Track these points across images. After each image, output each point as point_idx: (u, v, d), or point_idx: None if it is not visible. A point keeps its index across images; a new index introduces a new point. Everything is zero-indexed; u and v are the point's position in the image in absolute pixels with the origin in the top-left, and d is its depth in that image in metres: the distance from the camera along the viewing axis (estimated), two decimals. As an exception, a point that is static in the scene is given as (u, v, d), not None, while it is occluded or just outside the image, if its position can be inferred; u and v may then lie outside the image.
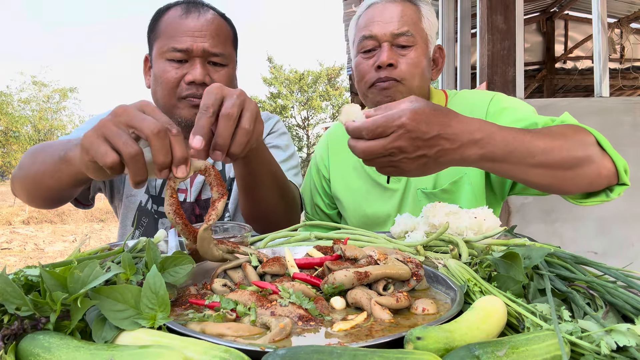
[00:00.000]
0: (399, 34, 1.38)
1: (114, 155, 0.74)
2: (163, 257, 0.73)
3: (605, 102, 3.31)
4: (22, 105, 23.04)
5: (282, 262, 0.81)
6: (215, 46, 1.37)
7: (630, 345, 0.50)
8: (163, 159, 0.73)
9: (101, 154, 0.75)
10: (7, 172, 24.22)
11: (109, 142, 0.75)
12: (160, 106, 1.44)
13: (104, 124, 0.76)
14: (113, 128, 0.75)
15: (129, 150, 0.73)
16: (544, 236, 3.15)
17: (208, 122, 0.82)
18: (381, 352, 0.48)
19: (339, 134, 1.72)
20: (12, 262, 8.36)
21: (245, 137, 0.87)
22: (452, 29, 4.96)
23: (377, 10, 1.42)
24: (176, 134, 0.74)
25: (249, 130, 0.87)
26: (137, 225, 1.51)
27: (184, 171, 0.75)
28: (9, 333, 0.55)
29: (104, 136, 0.75)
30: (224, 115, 0.83)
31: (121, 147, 0.73)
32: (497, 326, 0.57)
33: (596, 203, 1.13)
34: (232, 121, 0.84)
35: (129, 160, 0.73)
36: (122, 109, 0.76)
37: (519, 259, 0.68)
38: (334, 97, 31.44)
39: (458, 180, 1.43)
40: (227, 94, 0.86)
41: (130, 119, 0.74)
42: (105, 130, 0.75)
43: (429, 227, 1.06)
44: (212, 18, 1.40)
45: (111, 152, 0.74)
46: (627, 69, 7.46)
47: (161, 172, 0.74)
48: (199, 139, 0.80)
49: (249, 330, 0.60)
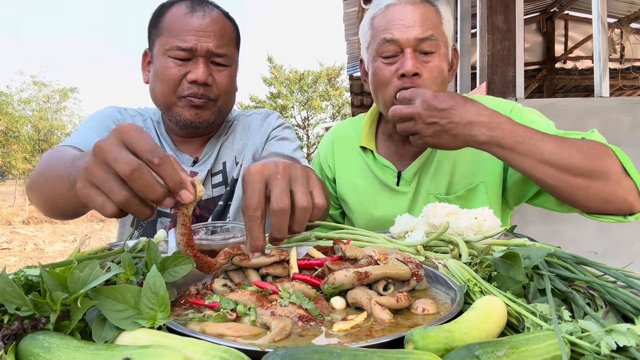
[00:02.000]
0: (423, 38, 1.30)
1: (113, 206, 0.68)
2: (163, 257, 0.73)
3: (605, 102, 3.31)
4: (22, 105, 23.02)
5: (284, 265, 0.81)
6: (220, 47, 1.37)
7: (630, 345, 0.50)
8: (152, 195, 0.66)
9: (100, 206, 0.69)
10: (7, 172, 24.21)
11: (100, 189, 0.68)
12: (159, 102, 1.43)
13: (88, 169, 0.68)
14: (98, 174, 0.67)
15: (117, 198, 0.66)
16: (544, 236, 3.15)
17: (261, 230, 0.76)
18: (381, 352, 0.48)
19: (344, 135, 1.69)
20: (12, 262, 8.36)
21: (304, 216, 0.78)
22: (452, 29, 4.96)
23: (398, 12, 1.33)
24: (159, 162, 0.65)
25: (308, 207, 0.78)
26: (136, 225, 1.51)
27: (188, 195, 0.68)
28: (9, 333, 0.55)
29: (94, 184, 0.68)
30: (275, 211, 0.75)
31: (110, 196, 0.67)
32: (497, 326, 0.57)
33: (610, 221, 1.11)
34: (286, 214, 0.76)
35: (122, 207, 0.68)
36: (98, 147, 0.67)
37: (519, 259, 0.68)
38: (334, 97, 31.42)
39: (474, 188, 1.42)
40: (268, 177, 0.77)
41: (106, 159, 0.66)
42: (92, 178, 0.68)
43: (429, 227, 1.06)
44: (217, 18, 1.39)
45: (108, 203, 0.68)
46: (627, 69, 7.46)
47: (164, 204, 0.68)
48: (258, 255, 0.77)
49: (249, 330, 0.60)
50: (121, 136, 0.67)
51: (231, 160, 1.56)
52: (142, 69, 1.49)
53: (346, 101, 30.67)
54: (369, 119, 1.62)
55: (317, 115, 32.53)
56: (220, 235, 1.04)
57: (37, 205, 1.19)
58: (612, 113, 3.17)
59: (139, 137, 0.66)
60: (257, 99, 30.98)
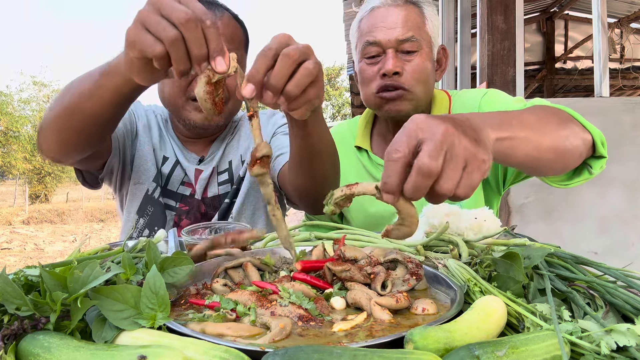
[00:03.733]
0: (404, 40, 1.36)
1: (161, 45, 0.72)
2: (163, 257, 0.73)
3: (605, 102, 3.31)
4: (22, 105, 23.05)
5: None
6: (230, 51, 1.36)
7: (630, 345, 0.50)
8: (196, 50, 0.71)
9: (148, 44, 0.73)
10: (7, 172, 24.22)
11: (150, 32, 0.73)
12: (167, 103, 1.44)
13: (141, 15, 0.74)
14: (151, 16, 0.73)
15: (168, 34, 0.70)
16: (544, 236, 3.15)
17: (265, 65, 0.74)
18: (381, 352, 0.48)
19: (340, 135, 1.72)
20: (12, 262, 8.36)
21: (306, 78, 0.76)
22: (452, 29, 4.96)
23: (381, 15, 1.40)
24: (209, 25, 0.71)
25: (312, 71, 0.76)
26: (142, 213, 1.51)
27: (222, 64, 0.72)
28: (9, 333, 0.55)
29: (145, 26, 0.73)
30: (283, 55, 0.74)
31: (161, 33, 0.71)
32: (497, 326, 0.57)
33: (581, 182, 1.13)
34: (291, 61, 0.74)
35: (170, 45, 0.71)
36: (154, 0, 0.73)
37: (519, 259, 0.68)
38: (334, 97, 31.43)
39: None
40: (292, 42, 0.77)
41: (163, 8, 0.72)
42: (145, 20, 0.73)
43: (429, 227, 1.06)
44: (228, 22, 1.39)
45: (157, 42, 0.72)
46: (627, 69, 7.47)
47: (200, 66, 0.72)
48: (250, 87, 0.74)
49: (249, 330, 0.60)
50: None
51: (237, 159, 1.57)
52: None
53: (346, 101, 30.66)
54: (364, 120, 1.67)
55: (317, 115, 32.49)
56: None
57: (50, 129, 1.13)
58: (612, 113, 3.17)
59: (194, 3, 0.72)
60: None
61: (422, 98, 1.43)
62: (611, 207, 3.18)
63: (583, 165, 1.11)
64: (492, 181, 1.48)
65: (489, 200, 1.51)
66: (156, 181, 1.51)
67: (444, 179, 0.61)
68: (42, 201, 22.49)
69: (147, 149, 1.51)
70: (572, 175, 1.14)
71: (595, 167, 1.09)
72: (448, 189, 0.61)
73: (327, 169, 1.19)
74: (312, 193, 1.23)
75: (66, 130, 1.11)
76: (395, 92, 1.39)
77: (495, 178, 1.46)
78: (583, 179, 1.12)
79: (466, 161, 0.63)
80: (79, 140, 1.14)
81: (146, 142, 1.52)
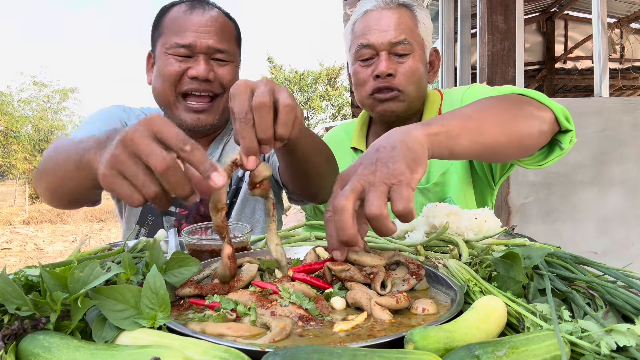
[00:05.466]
0: (396, 42, 1.38)
1: (140, 197, 0.68)
2: (165, 257, 0.73)
3: (605, 102, 3.31)
4: (22, 106, 23.05)
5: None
6: (220, 42, 1.38)
7: (630, 345, 0.50)
8: (181, 192, 0.67)
9: (127, 196, 0.68)
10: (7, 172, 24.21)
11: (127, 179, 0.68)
12: (160, 100, 1.44)
13: (116, 159, 0.67)
14: (128, 165, 0.67)
15: (148, 194, 0.67)
16: (544, 236, 3.15)
17: (252, 133, 0.74)
18: (381, 352, 0.48)
19: (336, 138, 1.74)
20: (12, 262, 8.36)
21: (289, 114, 0.76)
22: (452, 29, 4.96)
23: (374, 18, 1.42)
24: (190, 149, 0.66)
25: (291, 104, 0.76)
26: (142, 223, 1.51)
27: (219, 179, 0.67)
28: (9, 333, 0.55)
29: (122, 174, 0.68)
30: (256, 107, 0.73)
31: (140, 189, 0.67)
32: (497, 326, 0.57)
33: (555, 160, 1.15)
34: (267, 108, 0.74)
35: (153, 201, 0.68)
36: (130, 139, 0.67)
37: (519, 259, 0.68)
38: (334, 97, 31.44)
39: (446, 172, 1.47)
40: (253, 85, 0.76)
41: (139, 153, 0.66)
42: (122, 168, 0.67)
43: (429, 227, 1.06)
44: (217, 16, 1.40)
45: (136, 194, 0.68)
46: (627, 69, 7.46)
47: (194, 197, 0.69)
48: (253, 159, 0.74)
49: (249, 330, 0.60)
50: (152, 128, 0.67)
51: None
52: (147, 71, 1.51)
53: (346, 101, 30.68)
54: (360, 121, 1.69)
55: (317, 115, 32.57)
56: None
57: (44, 192, 1.16)
58: (612, 113, 3.17)
59: (169, 128, 0.67)
60: (257, 99, 30.94)
61: (415, 99, 1.45)
62: (611, 207, 3.18)
63: (554, 142, 1.13)
64: (482, 176, 1.49)
65: (483, 195, 1.52)
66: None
67: (367, 205, 0.67)
68: (42, 201, 22.44)
69: None
70: (546, 154, 1.16)
71: (564, 142, 1.11)
72: (373, 211, 0.66)
73: (321, 166, 1.21)
74: (313, 189, 1.26)
75: (55, 196, 1.13)
76: (388, 94, 1.41)
77: (483, 172, 1.48)
78: (556, 155, 1.14)
79: (387, 183, 0.68)
80: (69, 205, 1.16)
81: None
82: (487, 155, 1.03)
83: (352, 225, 0.68)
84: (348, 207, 0.68)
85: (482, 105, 0.97)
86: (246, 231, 1.01)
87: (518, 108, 1.02)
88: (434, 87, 4.95)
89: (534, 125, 1.03)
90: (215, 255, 0.93)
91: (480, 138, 0.89)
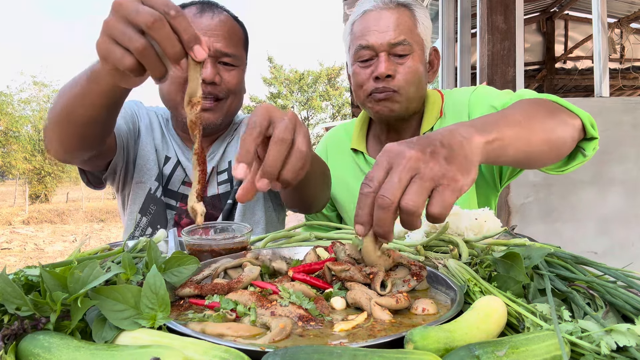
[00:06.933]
0: (396, 43, 1.38)
1: (131, 57, 0.70)
2: (163, 256, 0.73)
3: (605, 102, 3.31)
4: (22, 106, 23.05)
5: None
6: (228, 47, 1.39)
7: (630, 345, 0.50)
8: (170, 49, 0.68)
9: (118, 58, 0.71)
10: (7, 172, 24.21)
11: (118, 43, 0.71)
12: (166, 101, 1.45)
13: (107, 25, 0.72)
14: (117, 26, 0.70)
15: (135, 45, 0.69)
16: (544, 236, 3.15)
17: (254, 144, 0.70)
18: (381, 352, 0.48)
19: (336, 139, 1.74)
20: (12, 262, 8.36)
21: (300, 161, 0.73)
22: (452, 29, 4.96)
23: (373, 18, 1.41)
24: (175, 14, 0.68)
25: (306, 153, 0.73)
26: (144, 212, 1.51)
27: (201, 52, 0.69)
28: (9, 333, 0.55)
29: (112, 37, 0.71)
30: (276, 141, 0.70)
31: (128, 44, 0.69)
32: (497, 326, 0.57)
33: (577, 166, 1.14)
34: (285, 145, 0.71)
35: (139, 56, 0.70)
36: (118, 4, 0.71)
37: (519, 259, 0.68)
38: (334, 97, 31.44)
39: None
40: (276, 116, 0.73)
41: (127, 13, 0.69)
42: (111, 31, 0.71)
43: (429, 227, 1.06)
44: (226, 19, 1.41)
45: (127, 55, 0.70)
46: (627, 69, 7.47)
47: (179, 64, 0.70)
48: (242, 167, 0.68)
49: (249, 330, 0.60)
50: None
51: None
52: None
53: (346, 101, 30.70)
54: (359, 122, 1.68)
55: (317, 115, 32.58)
56: (222, 235, 1.04)
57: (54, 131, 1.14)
58: (612, 113, 3.17)
59: None
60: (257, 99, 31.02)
61: (414, 99, 1.45)
62: (611, 207, 3.18)
63: (576, 149, 1.12)
64: (489, 178, 1.49)
65: (487, 197, 1.52)
66: (158, 180, 1.52)
67: (405, 199, 0.63)
68: (42, 201, 22.50)
69: (149, 149, 1.53)
70: (567, 160, 1.15)
71: (588, 149, 1.10)
72: (410, 206, 0.62)
73: (317, 186, 1.24)
74: (307, 204, 1.32)
75: (66, 135, 1.13)
76: (385, 93, 1.41)
77: (491, 174, 1.47)
78: (578, 162, 1.13)
79: (435, 182, 0.63)
80: (79, 143, 1.16)
81: (148, 143, 1.53)
82: (523, 163, 1.01)
83: (392, 222, 0.64)
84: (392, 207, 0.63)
85: (528, 112, 0.95)
86: (246, 231, 1.01)
87: (556, 116, 1.01)
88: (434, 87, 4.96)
89: (568, 132, 1.02)
90: (215, 255, 0.93)
91: (526, 147, 0.88)
